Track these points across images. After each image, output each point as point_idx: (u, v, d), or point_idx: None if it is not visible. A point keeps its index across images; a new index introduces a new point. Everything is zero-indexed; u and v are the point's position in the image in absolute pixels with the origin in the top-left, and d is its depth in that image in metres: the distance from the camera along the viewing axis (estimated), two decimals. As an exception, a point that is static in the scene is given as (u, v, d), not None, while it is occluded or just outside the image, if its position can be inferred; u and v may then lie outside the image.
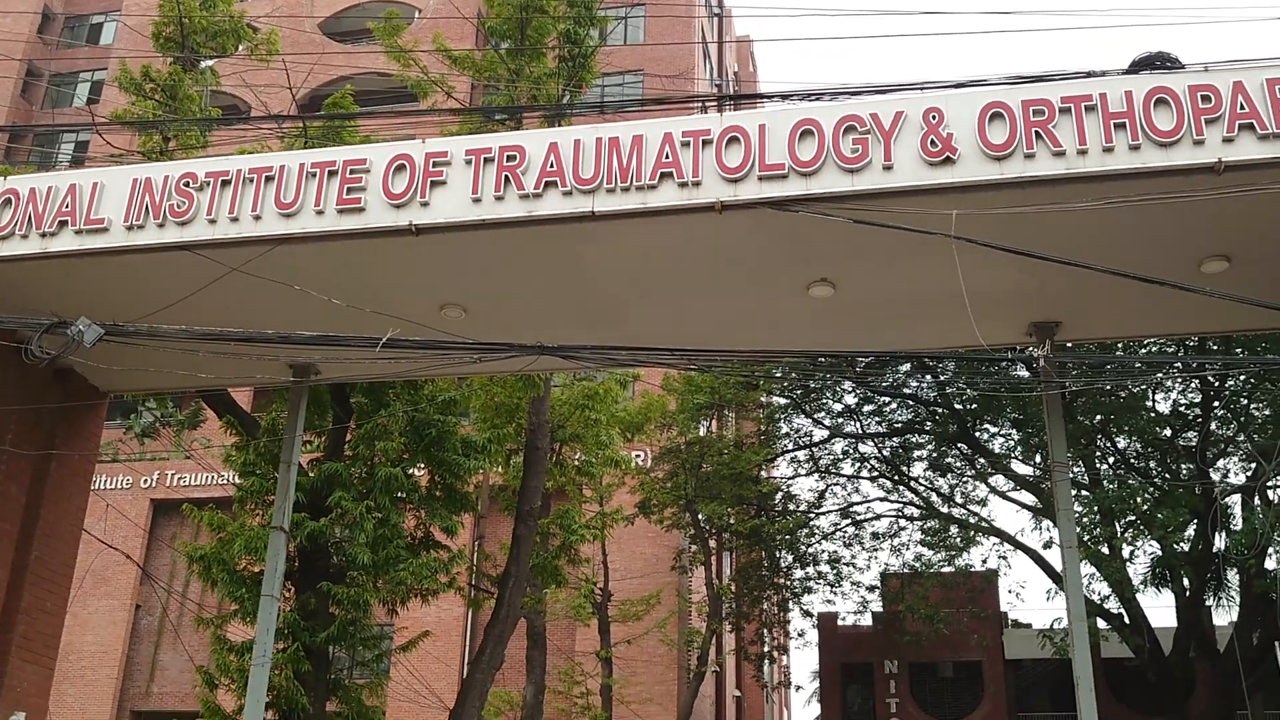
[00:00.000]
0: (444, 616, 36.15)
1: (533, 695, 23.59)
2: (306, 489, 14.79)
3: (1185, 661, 28.72)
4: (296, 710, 14.53)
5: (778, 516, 33.60)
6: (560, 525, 19.60)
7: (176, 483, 40.91)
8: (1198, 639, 28.77)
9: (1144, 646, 27.54)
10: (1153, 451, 27.83)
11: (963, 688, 41.22)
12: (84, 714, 39.63)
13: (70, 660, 39.26)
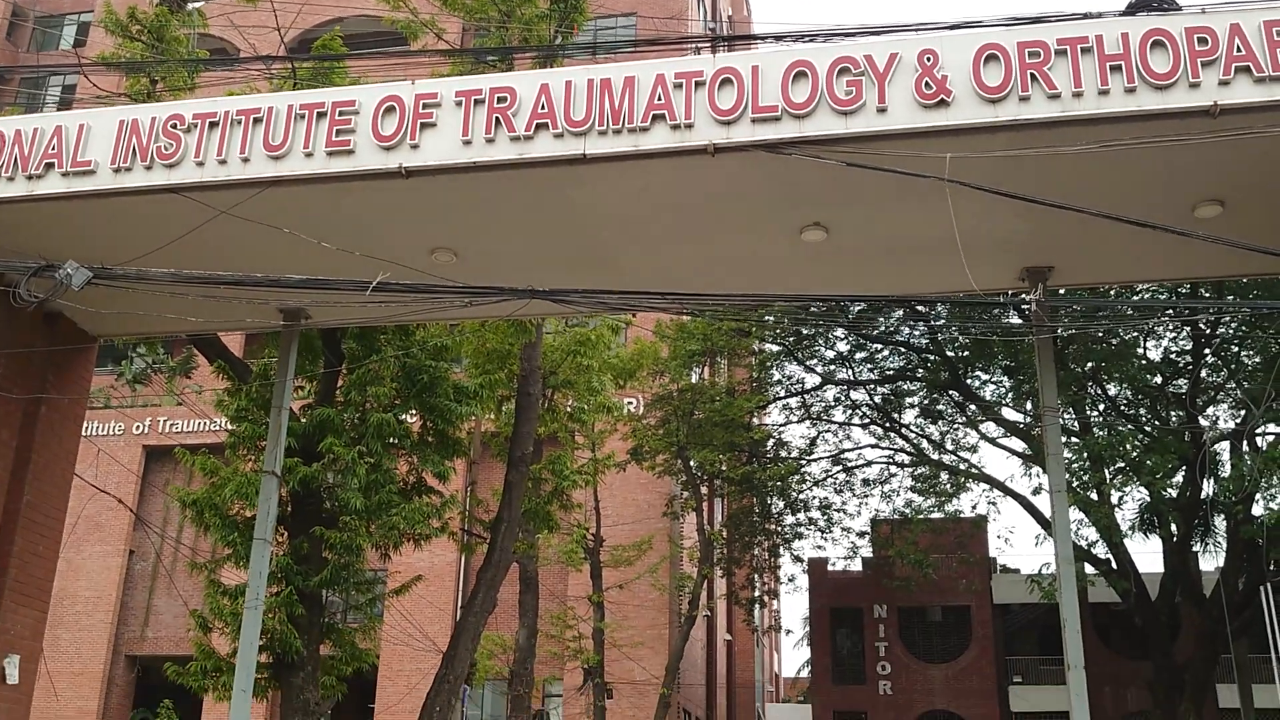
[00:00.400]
0: (437, 562, 36.38)
1: (525, 639, 23.79)
2: (298, 434, 14.80)
3: (1171, 606, 29.07)
4: (290, 653, 14.64)
5: (769, 463, 33.75)
6: (552, 471, 19.65)
7: (169, 429, 40.91)
8: (1184, 584, 29.08)
9: (1131, 591, 27.83)
10: (1143, 399, 27.97)
11: (951, 632, 41.68)
12: (79, 659, 39.93)
13: (65, 606, 39.50)
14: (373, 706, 37.72)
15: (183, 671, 15.69)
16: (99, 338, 12.05)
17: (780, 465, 33.30)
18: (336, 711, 35.85)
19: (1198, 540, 29.46)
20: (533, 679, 24.35)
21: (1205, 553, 31.15)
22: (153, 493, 41.05)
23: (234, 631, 13.27)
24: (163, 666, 16.32)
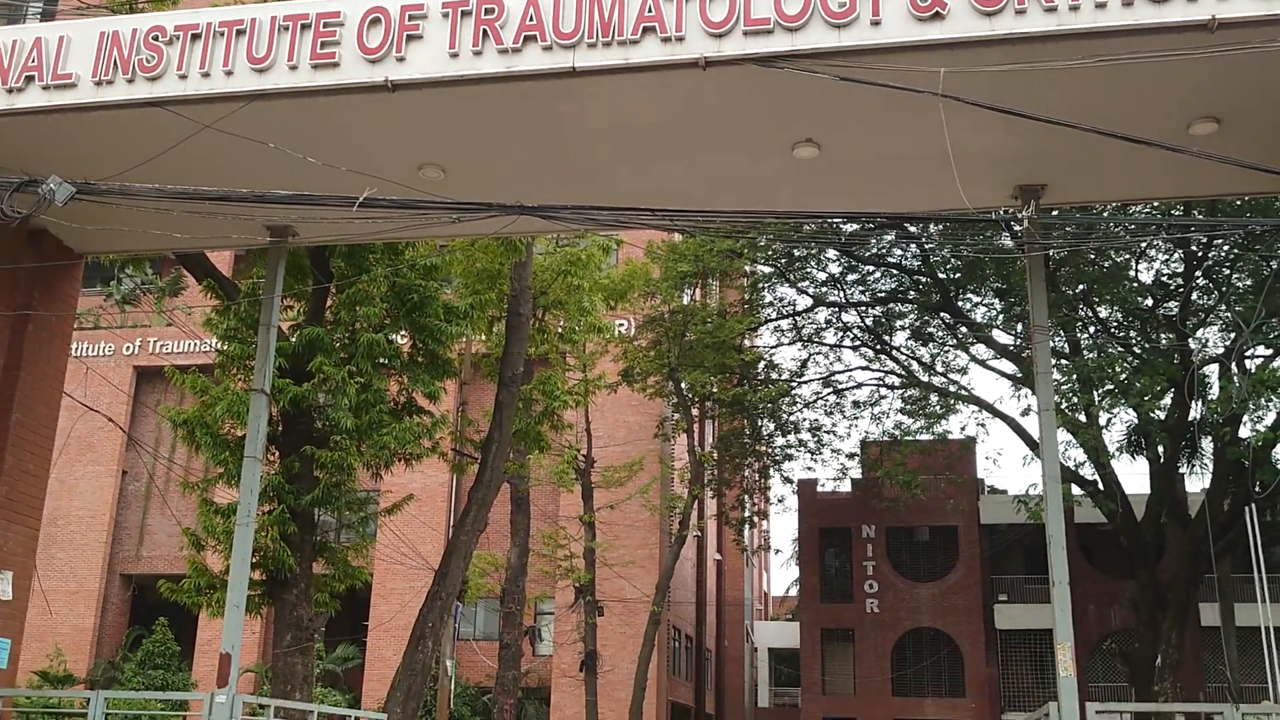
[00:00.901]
0: (429, 482, 36.59)
1: (517, 558, 24.03)
2: (288, 354, 14.75)
3: (1156, 527, 29.38)
4: (283, 570, 14.76)
5: (760, 385, 33.83)
6: (543, 391, 19.68)
7: (159, 350, 40.86)
8: (1170, 505, 29.36)
9: (1117, 512, 28.11)
10: (1133, 321, 27.99)
11: (938, 551, 42.19)
12: (74, 578, 40.26)
13: (59, 526, 39.71)
14: (367, 624, 38.17)
15: (176, 588, 15.82)
16: (85, 255, 11.95)
17: (771, 387, 33.38)
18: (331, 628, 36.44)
19: (1184, 462, 29.67)
20: (524, 596, 24.64)
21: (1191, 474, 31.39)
22: (144, 413, 41.09)
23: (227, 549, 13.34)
24: (157, 584, 16.43)
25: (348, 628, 38.72)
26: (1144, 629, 28.66)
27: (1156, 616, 27.86)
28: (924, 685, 41.56)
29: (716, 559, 51.77)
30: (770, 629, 59.42)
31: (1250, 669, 32.24)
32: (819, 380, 34.70)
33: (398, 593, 36.47)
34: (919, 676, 41.64)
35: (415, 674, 15.63)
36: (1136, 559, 29.14)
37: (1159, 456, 28.50)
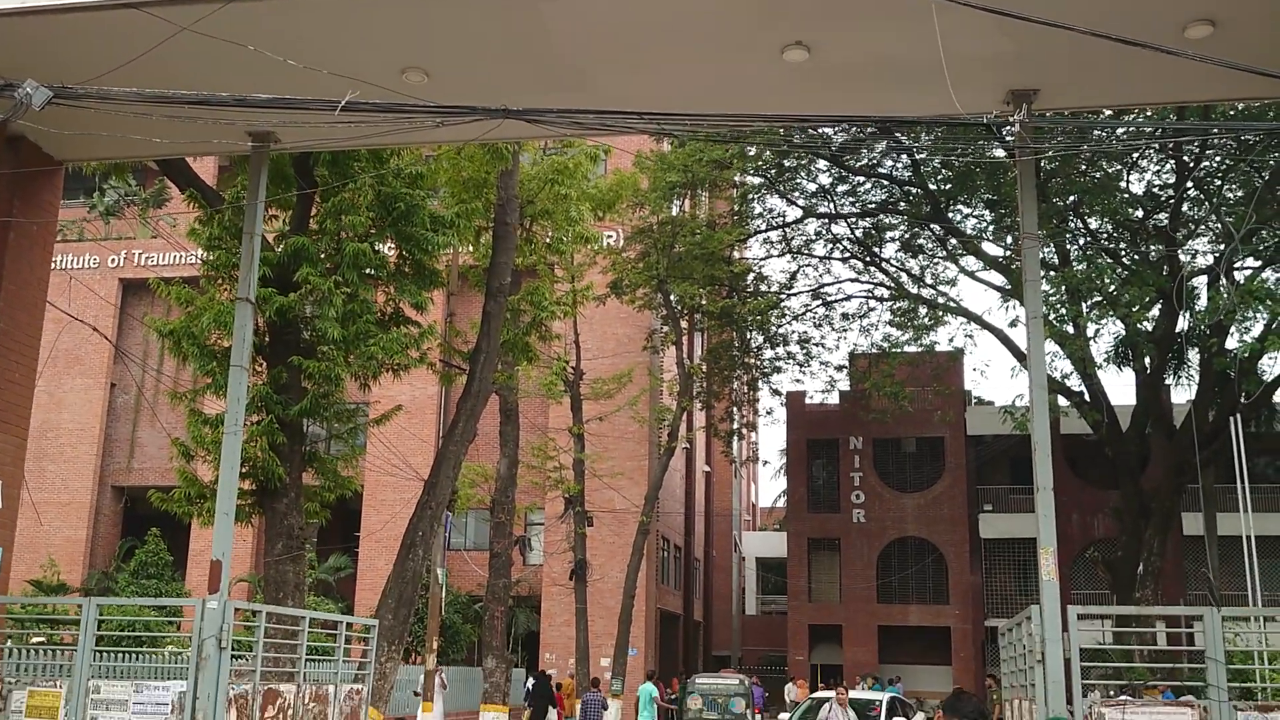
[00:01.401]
0: (418, 395, 36.67)
1: (506, 468, 24.14)
2: (273, 264, 14.63)
3: (1141, 437, 29.64)
4: (272, 480, 14.80)
5: (749, 297, 33.79)
6: (531, 302, 19.61)
7: (144, 262, 40.59)
8: (1155, 416, 29.59)
9: (1102, 422, 28.31)
10: (1123, 233, 27.93)
11: (924, 462, 42.56)
12: (65, 490, 40.44)
13: (49, 439, 39.80)
14: (358, 535, 38.52)
15: (167, 498, 15.87)
16: (64, 162, 11.76)
17: (760, 299, 33.36)
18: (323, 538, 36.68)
19: (1170, 373, 29.85)
20: (514, 507, 24.82)
21: (1177, 385, 31.63)
22: (131, 326, 40.95)
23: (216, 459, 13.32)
24: (148, 495, 16.48)
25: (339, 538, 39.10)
26: (1127, 538, 29.06)
27: (1139, 525, 28.22)
28: (908, 593, 42.24)
29: (705, 470, 52.21)
30: (757, 539, 60.15)
31: (1231, 577, 32.76)
32: (808, 292, 34.69)
33: (388, 504, 36.75)
34: (904, 585, 42.30)
35: (406, 582, 15.78)
36: (1121, 469, 29.45)
37: (1145, 368, 28.65)
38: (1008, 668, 10.28)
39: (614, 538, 37.29)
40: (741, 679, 26.09)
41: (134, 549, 35.68)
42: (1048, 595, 8.27)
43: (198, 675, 8.48)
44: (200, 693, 8.45)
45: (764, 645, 50.34)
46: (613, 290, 31.95)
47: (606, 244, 32.85)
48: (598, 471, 34.51)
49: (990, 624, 39.97)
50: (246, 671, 9.35)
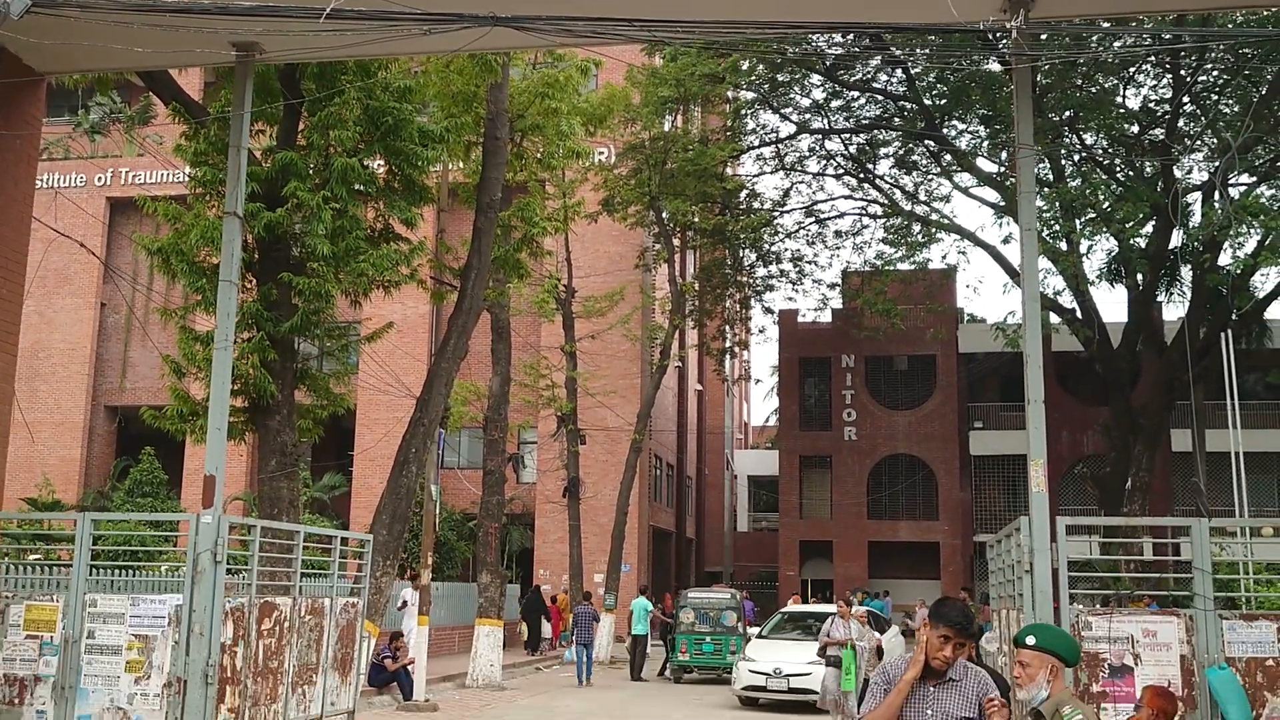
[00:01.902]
0: (409, 313, 36.60)
1: (498, 386, 24.15)
2: (261, 179, 14.50)
3: (1132, 354, 29.70)
4: (264, 397, 14.81)
5: (742, 214, 33.58)
6: (521, 218, 19.46)
7: (131, 180, 40.20)
8: (1146, 332, 29.65)
9: (1093, 339, 28.36)
10: (1118, 148, 27.72)
11: (916, 380, 42.72)
12: (59, 410, 40.47)
13: (40, 358, 39.72)
14: (352, 454, 38.68)
15: (160, 415, 15.88)
16: (45, 75, 11.53)
17: (753, 216, 33.16)
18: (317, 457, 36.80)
19: (1163, 289, 29.86)
20: (507, 425, 24.86)
21: (1169, 302, 31.66)
22: (120, 245, 40.68)
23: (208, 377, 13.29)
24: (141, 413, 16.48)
25: (333, 457, 39.27)
26: (1115, 454, 29.26)
27: (1128, 441, 28.40)
28: (899, 509, 42.67)
29: (697, 389, 52.38)
30: (749, 457, 60.56)
31: (1218, 493, 33.10)
32: (801, 209, 34.49)
33: (381, 422, 36.88)
34: (894, 501, 42.70)
35: (400, 498, 15.87)
36: (1111, 386, 29.56)
37: (1138, 284, 28.64)
38: (995, 579, 10.38)
39: (607, 456, 37.52)
40: (733, 593, 26.38)
41: (129, 468, 35.83)
42: (1037, 506, 8.31)
43: (194, 588, 8.54)
44: (197, 605, 8.51)
45: (755, 561, 50.91)
46: (604, 207, 31.72)
47: (598, 160, 32.57)
48: (590, 390, 34.60)
49: (979, 539, 40.44)
50: (242, 585, 9.42)
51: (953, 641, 4.87)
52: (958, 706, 4.85)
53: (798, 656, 19.42)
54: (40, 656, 8.76)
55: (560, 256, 30.83)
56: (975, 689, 4.92)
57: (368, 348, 21.07)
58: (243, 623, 8.94)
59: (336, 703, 10.70)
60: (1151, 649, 7.88)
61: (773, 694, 19.41)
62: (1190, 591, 8.07)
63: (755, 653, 20.25)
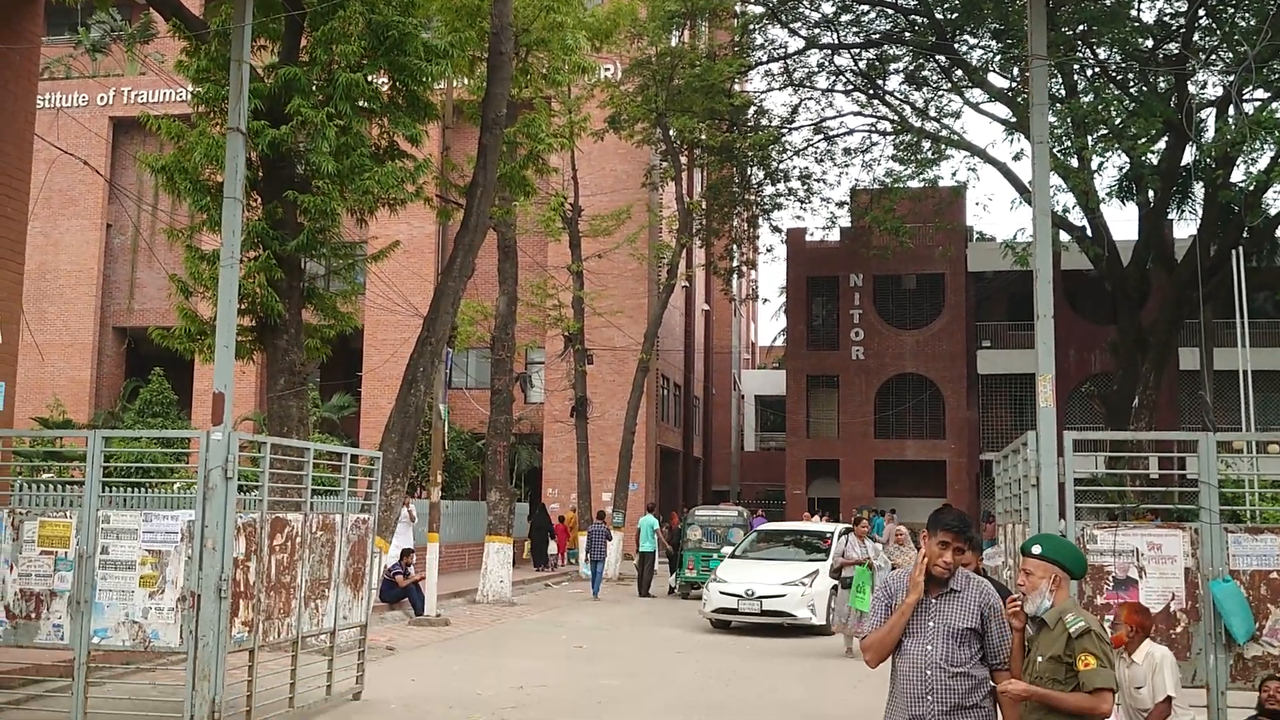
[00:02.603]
0: (415, 233, 36.48)
1: (505, 305, 24.13)
2: (264, 96, 14.35)
3: (1142, 272, 29.56)
4: (272, 316, 14.81)
5: (749, 132, 33.25)
6: (527, 135, 19.25)
7: (134, 99, 39.87)
8: (1157, 250, 29.47)
9: (1103, 256, 28.21)
10: (1132, 63, 27.31)
11: (924, 299, 42.61)
12: (67, 331, 40.61)
13: (48, 280, 39.77)
14: (360, 374, 38.82)
15: (168, 335, 15.90)
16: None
17: (761, 134, 32.84)
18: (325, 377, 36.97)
19: (1174, 207, 29.62)
20: (514, 344, 24.89)
21: (1180, 219, 31.43)
22: (124, 165, 40.49)
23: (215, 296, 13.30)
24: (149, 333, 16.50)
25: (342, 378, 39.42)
26: (1123, 372, 29.26)
27: (1136, 360, 28.37)
28: (905, 428, 42.81)
29: (704, 309, 52.32)
30: (757, 377, 60.66)
31: (1226, 412, 33.15)
32: (810, 127, 34.17)
33: (389, 343, 36.95)
34: (901, 420, 42.83)
35: (409, 416, 15.93)
36: (1120, 304, 29.46)
37: (1149, 201, 28.40)
38: (1001, 494, 10.42)
39: (614, 375, 37.60)
40: (740, 511, 26.60)
41: (138, 389, 35.98)
42: (1044, 421, 8.32)
43: (205, 504, 8.61)
44: (209, 520, 8.58)
45: (762, 480, 51.26)
46: (610, 125, 31.41)
47: (604, 77, 32.17)
48: (597, 309, 34.57)
49: (985, 458, 40.62)
50: (254, 501, 9.50)
51: (951, 546, 4.85)
52: (959, 618, 4.84)
53: (771, 577, 18.23)
54: (55, 572, 8.86)
55: (566, 175, 30.60)
56: (977, 599, 4.91)
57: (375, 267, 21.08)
58: (255, 538, 9.03)
59: (349, 617, 10.84)
60: (1156, 562, 7.92)
61: (744, 617, 17.99)
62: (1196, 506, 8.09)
63: (727, 573, 18.79)
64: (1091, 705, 4.83)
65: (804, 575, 18.10)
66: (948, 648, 4.80)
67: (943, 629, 4.82)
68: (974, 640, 4.85)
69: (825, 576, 17.88)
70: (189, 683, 8.50)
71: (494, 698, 11.30)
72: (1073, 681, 4.87)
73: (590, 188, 35.32)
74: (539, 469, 39.45)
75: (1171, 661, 6.87)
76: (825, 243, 43.08)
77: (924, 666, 4.77)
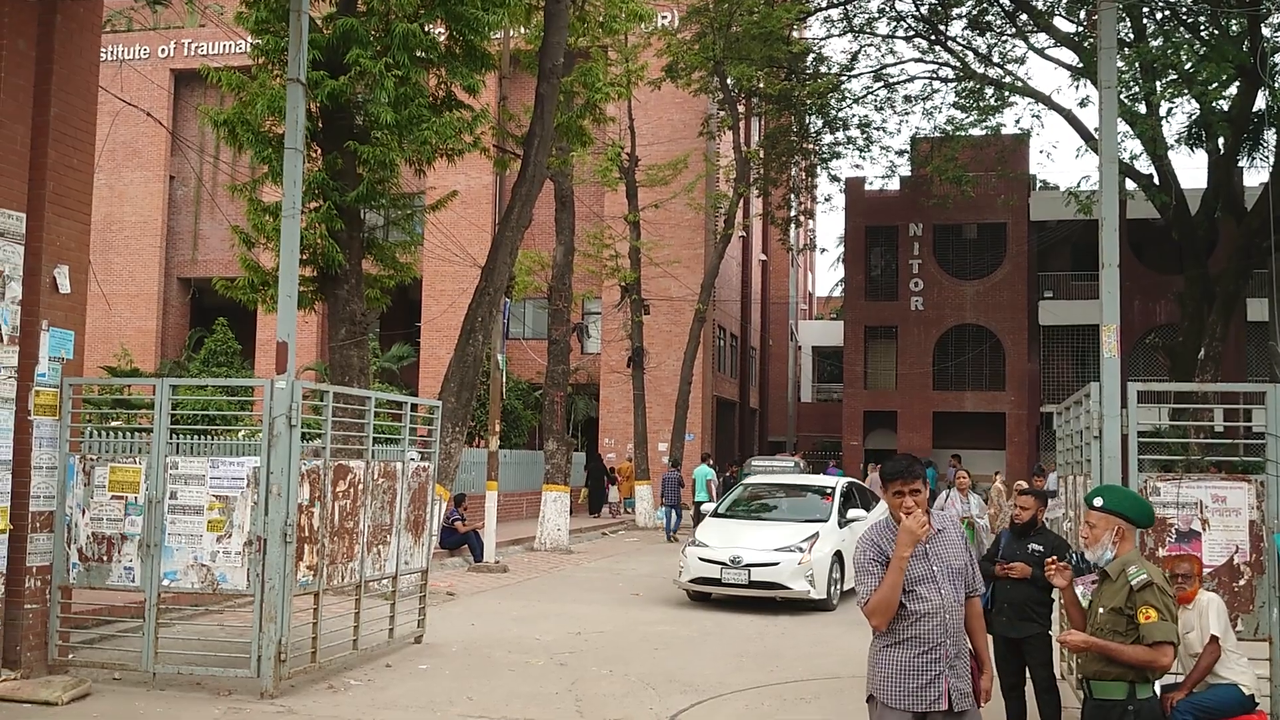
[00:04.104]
0: (473, 184, 36.58)
1: (562, 255, 24.16)
2: (323, 47, 14.44)
3: (1210, 221, 28.89)
4: (333, 266, 15.00)
5: (808, 79, 32.84)
6: (584, 84, 19.18)
7: (194, 51, 40.19)
8: (1226, 198, 28.76)
9: (1170, 205, 27.62)
10: (1203, 5, 26.55)
11: (985, 249, 42.05)
12: (133, 282, 41.31)
13: (114, 231, 40.43)
14: (419, 325, 39.15)
15: (232, 286, 16.17)
16: (106, -58, 11.48)
17: (819, 81, 32.42)
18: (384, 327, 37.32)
19: (1244, 154, 28.87)
20: (571, 294, 24.95)
21: (1251, 167, 30.64)
22: (185, 118, 40.91)
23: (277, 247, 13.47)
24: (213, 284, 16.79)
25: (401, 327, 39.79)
26: (1189, 323, 28.71)
27: (1202, 310, 27.83)
28: (965, 380, 42.41)
29: (761, 259, 52.05)
30: (814, 328, 60.36)
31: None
32: (870, 74, 33.68)
33: (447, 293, 37.20)
34: (960, 371, 42.44)
35: (467, 366, 16.06)
36: (1186, 253, 28.87)
37: (1218, 149, 27.71)
38: (1063, 445, 10.34)
39: (670, 326, 37.60)
40: (795, 460, 26.61)
41: (203, 339, 36.60)
42: (1108, 371, 8.22)
43: (270, 451, 8.77)
44: (273, 467, 8.74)
45: (819, 432, 51.14)
46: (667, 74, 31.16)
47: (661, 25, 31.89)
48: (654, 259, 34.52)
49: (1045, 410, 40.19)
50: (317, 449, 9.65)
51: (905, 492, 4.79)
52: (953, 555, 4.82)
53: (762, 540, 14.93)
54: (125, 516, 9.09)
55: (623, 124, 30.46)
56: (957, 535, 4.91)
57: (433, 218, 21.16)
58: (318, 484, 9.19)
59: (410, 562, 11.02)
60: (1220, 514, 7.83)
61: (728, 589, 14.69)
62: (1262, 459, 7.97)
63: (708, 535, 15.45)
64: (1152, 658, 4.82)
65: (802, 539, 14.82)
66: (954, 587, 4.78)
67: (945, 570, 4.78)
68: (963, 576, 4.85)
69: (827, 540, 15.05)
70: (256, 624, 8.71)
71: (553, 643, 11.47)
72: (1134, 634, 4.85)
73: (647, 137, 35.14)
74: (595, 419, 39.65)
75: (1218, 604, 6.83)
76: (884, 192, 42.60)
77: (942, 611, 4.72)
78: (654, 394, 35.63)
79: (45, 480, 9.15)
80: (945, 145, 32.19)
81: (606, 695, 9.19)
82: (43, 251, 9.37)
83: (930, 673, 4.68)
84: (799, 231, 45.40)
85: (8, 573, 8.80)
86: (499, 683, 9.55)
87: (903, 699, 4.71)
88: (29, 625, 8.95)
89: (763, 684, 9.86)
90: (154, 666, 8.93)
